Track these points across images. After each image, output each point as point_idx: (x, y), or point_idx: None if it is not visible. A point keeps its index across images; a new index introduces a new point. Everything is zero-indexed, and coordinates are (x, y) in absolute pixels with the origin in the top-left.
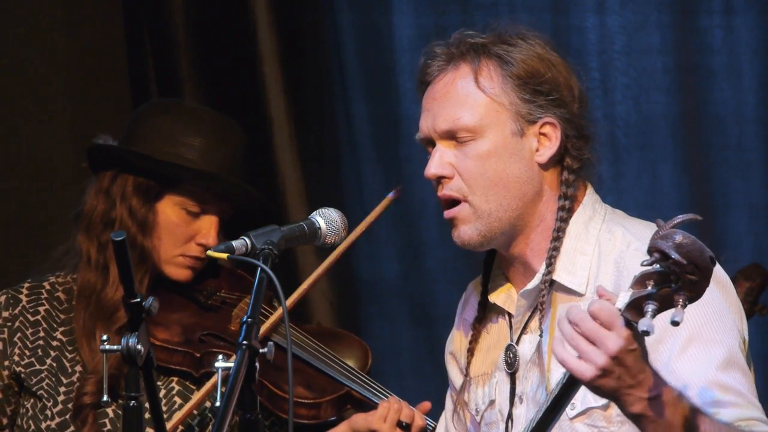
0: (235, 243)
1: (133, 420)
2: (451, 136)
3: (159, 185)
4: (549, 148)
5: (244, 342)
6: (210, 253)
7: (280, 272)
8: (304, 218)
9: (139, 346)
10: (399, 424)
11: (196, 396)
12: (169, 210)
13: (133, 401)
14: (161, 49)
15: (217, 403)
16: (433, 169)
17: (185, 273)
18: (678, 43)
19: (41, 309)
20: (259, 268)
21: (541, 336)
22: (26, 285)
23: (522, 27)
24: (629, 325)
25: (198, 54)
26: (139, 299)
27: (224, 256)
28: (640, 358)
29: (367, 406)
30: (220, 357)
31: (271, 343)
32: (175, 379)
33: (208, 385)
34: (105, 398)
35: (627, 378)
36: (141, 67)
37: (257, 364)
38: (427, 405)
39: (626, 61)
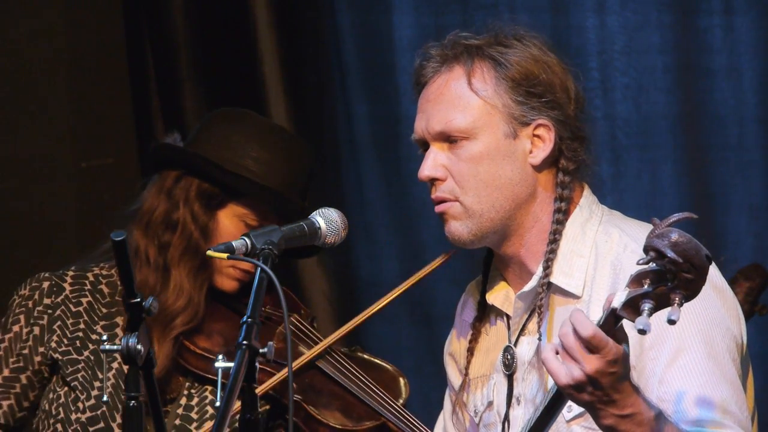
0: (235, 243)
1: (133, 420)
2: (444, 137)
3: (222, 194)
4: (542, 149)
5: (244, 342)
6: (210, 252)
7: (280, 272)
8: (304, 218)
9: (139, 346)
10: None
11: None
12: (228, 220)
13: (133, 401)
14: (161, 49)
15: (217, 403)
16: (426, 171)
17: (233, 284)
18: (678, 43)
19: (84, 300)
20: (259, 268)
21: (540, 339)
22: (70, 273)
23: (520, 27)
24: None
25: (198, 54)
26: (139, 299)
27: (224, 255)
28: (618, 381)
29: None
30: (220, 357)
31: (270, 343)
32: (209, 388)
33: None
34: (105, 398)
35: (601, 395)
36: (141, 67)
37: (257, 364)
38: None
39: (626, 61)
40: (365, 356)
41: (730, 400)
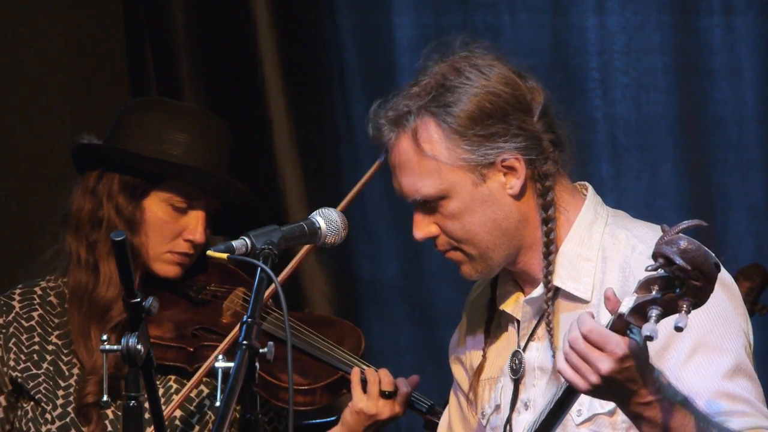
0: (235, 243)
1: (133, 420)
2: (419, 203)
3: (145, 182)
4: (517, 178)
5: (244, 342)
6: (210, 253)
7: (280, 272)
8: (304, 218)
9: (139, 346)
10: (383, 394)
11: (189, 384)
12: (156, 207)
13: (133, 401)
14: (161, 49)
15: (217, 403)
16: (418, 233)
17: (174, 269)
18: (678, 43)
19: (35, 314)
20: (259, 268)
21: (539, 344)
22: (18, 291)
23: (457, 53)
24: (628, 334)
25: (198, 54)
26: (139, 299)
27: (224, 256)
28: (635, 371)
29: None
30: (220, 357)
31: (270, 343)
32: (173, 377)
33: (196, 376)
34: (105, 398)
35: (621, 389)
36: (141, 67)
37: (257, 364)
38: (415, 378)
39: (626, 61)
40: (316, 315)
41: (750, 392)
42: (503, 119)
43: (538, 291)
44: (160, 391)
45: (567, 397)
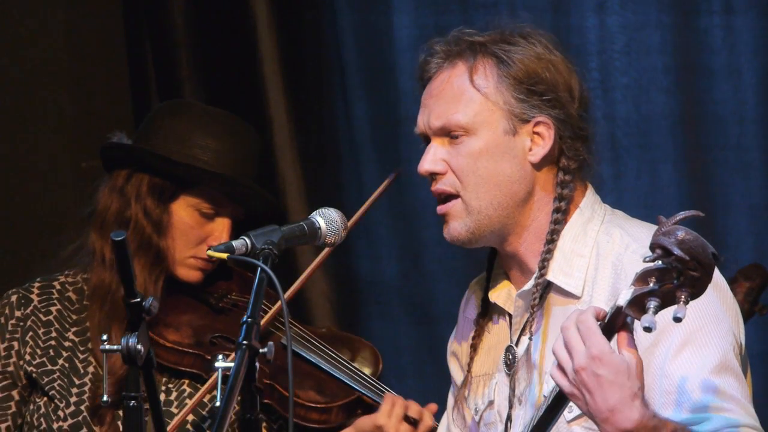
0: (235, 243)
1: (133, 420)
2: (444, 132)
3: (174, 186)
4: (542, 147)
5: (244, 342)
6: (210, 252)
7: (280, 272)
8: (304, 218)
9: (139, 346)
10: (406, 419)
11: (200, 392)
12: (183, 211)
13: (133, 401)
14: (161, 49)
15: (218, 403)
16: (426, 165)
17: (196, 275)
18: (678, 43)
19: (53, 309)
20: (259, 268)
21: (530, 339)
22: (36, 284)
23: (527, 25)
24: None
25: (198, 54)
26: (139, 299)
27: (224, 255)
28: (610, 389)
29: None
30: (220, 357)
31: (270, 343)
32: (187, 381)
33: (210, 381)
34: (105, 398)
35: (592, 403)
36: (141, 67)
37: (257, 364)
38: (434, 406)
39: (626, 61)
40: (336, 333)
41: (733, 388)
42: (552, 88)
43: (530, 284)
44: (174, 395)
45: (560, 399)
